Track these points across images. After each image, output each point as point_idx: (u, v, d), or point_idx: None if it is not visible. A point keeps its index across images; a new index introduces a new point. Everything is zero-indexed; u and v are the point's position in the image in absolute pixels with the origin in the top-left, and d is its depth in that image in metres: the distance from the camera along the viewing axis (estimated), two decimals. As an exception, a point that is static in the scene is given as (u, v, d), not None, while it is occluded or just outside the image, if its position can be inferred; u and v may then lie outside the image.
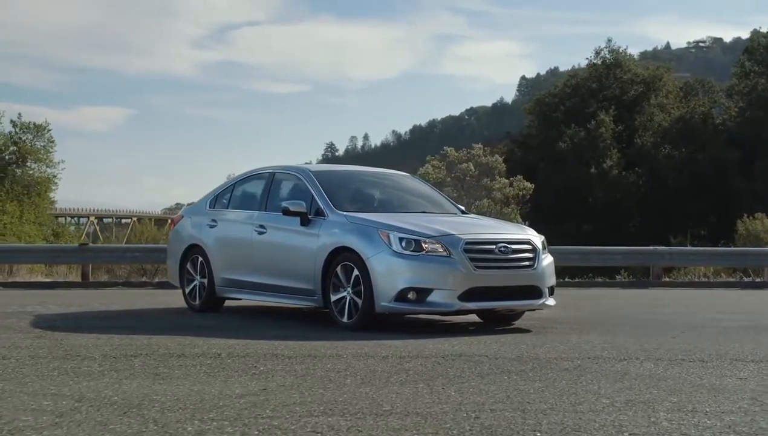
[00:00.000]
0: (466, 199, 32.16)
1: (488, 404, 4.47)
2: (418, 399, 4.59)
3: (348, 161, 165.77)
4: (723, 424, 4.13)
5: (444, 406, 4.40)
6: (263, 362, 6.06)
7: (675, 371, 5.87)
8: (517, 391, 4.92)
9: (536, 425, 3.98)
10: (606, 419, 4.16)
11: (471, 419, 4.06)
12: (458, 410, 4.28)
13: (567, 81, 46.76)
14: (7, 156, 48.83)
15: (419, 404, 4.44)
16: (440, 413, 4.20)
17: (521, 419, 4.11)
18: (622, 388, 5.12)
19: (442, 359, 6.31)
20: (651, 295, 16.43)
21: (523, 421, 4.06)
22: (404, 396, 4.68)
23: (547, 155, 40.23)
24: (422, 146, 57.19)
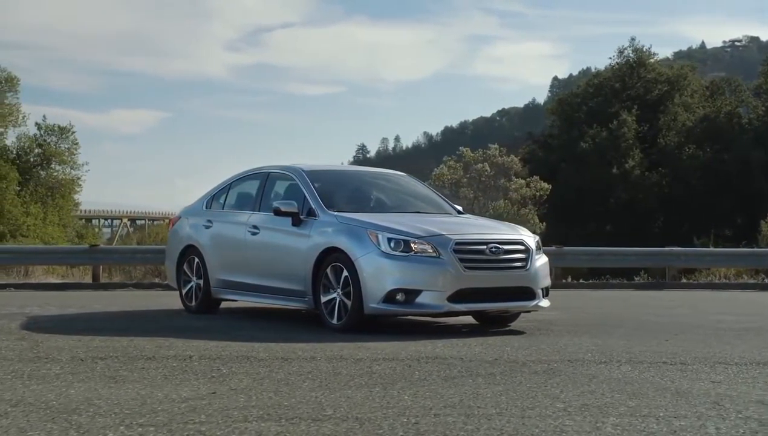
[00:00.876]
0: (483, 200, 32.00)
1: (436, 408, 4.34)
2: (366, 404, 4.47)
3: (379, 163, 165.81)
4: (669, 429, 3.98)
5: (389, 411, 4.27)
6: (231, 364, 5.96)
7: (649, 375, 5.70)
8: (474, 395, 4.78)
9: (473, 430, 3.84)
10: (550, 424, 4.02)
11: (409, 425, 3.94)
12: (401, 415, 4.15)
13: (590, 81, 46.36)
14: (32, 158, 49.29)
15: (364, 409, 4.31)
16: (380, 418, 4.08)
17: (462, 424, 3.97)
18: (584, 392, 4.96)
19: (415, 362, 6.18)
20: (663, 296, 16.17)
21: (462, 426, 3.93)
22: (354, 400, 4.55)
23: (569, 156, 39.86)
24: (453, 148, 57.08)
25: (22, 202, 44.64)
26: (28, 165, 48.72)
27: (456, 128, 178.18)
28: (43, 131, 49.43)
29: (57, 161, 48.96)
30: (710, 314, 11.46)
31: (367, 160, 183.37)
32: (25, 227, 42.24)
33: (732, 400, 4.80)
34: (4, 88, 49.90)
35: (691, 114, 43.80)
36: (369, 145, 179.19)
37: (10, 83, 50.35)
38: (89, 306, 12.09)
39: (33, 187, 47.23)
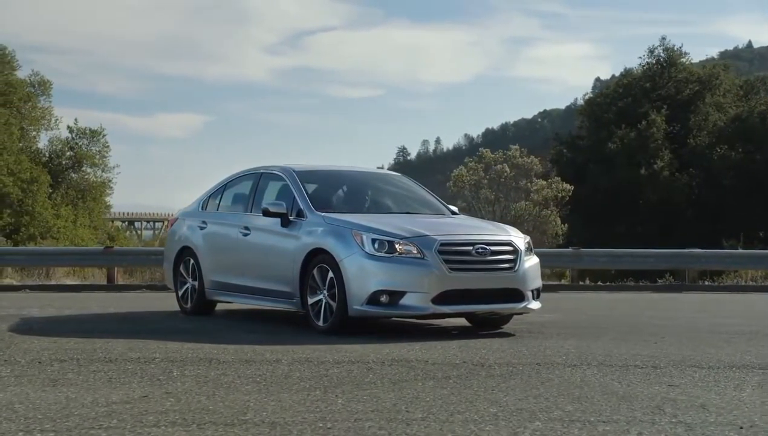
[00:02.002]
0: (504, 202, 31.73)
1: (362, 413, 4.21)
2: (292, 408, 4.36)
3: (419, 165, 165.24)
4: (590, 435, 3.81)
5: (310, 415, 4.15)
6: (188, 367, 5.88)
7: (609, 378, 5.53)
8: (412, 399, 4.65)
9: (385, 436, 3.71)
10: (469, 430, 3.88)
11: (321, 430, 3.82)
12: (320, 420, 4.03)
13: (619, 81, 45.84)
14: (64, 161, 49.77)
15: (287, 413, 4.20)
16: (296, 423, 3.96)
17: (376, 429, 3.85)
18: (529, 396, 4.81)
19: (378, 365, 6.05)
20: (676, 299, 15.91)
21: (376, 431, 3.81)
22: (283, 405, 4.44)
23: (597, 156, 39.41)
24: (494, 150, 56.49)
25: (53, 204, 45.07)
26: (60, 168, 49.21)
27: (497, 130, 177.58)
28: (75, 134, 49.90)
29: (88, 164, 49.38)
30: (716, 317, 11.22)
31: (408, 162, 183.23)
32: (56, 229, 42.60)
33: (675, 404, 4.63)
34: (37, 91, 50.46)
35: (723, 114, 43.15)
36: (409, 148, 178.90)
37: (43, 87, 50.94)
38: (89, 308, 12.09)
39: (64, 190, 47.68)
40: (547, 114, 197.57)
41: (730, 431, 4.02)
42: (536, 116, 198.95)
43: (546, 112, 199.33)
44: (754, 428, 4.11)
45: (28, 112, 49.35)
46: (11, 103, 47.17)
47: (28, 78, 50.25)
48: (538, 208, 31.50)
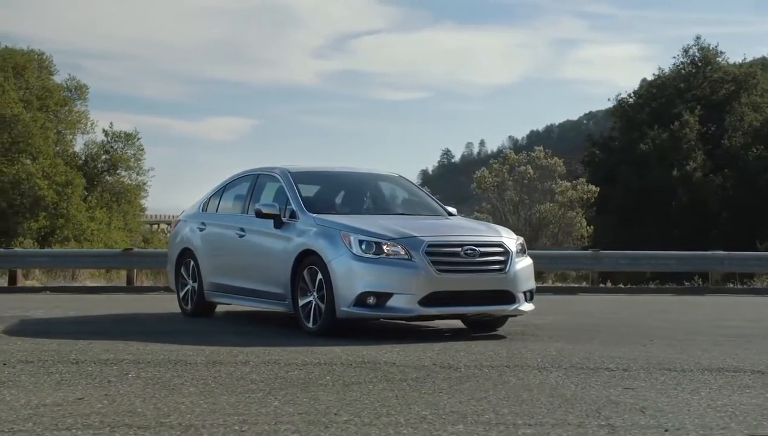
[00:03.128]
0: (528, 203, 31.51)
1: (287, 415, 4.16)
2: (223, 409, 4.33)
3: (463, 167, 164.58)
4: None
5: (235, 417, 4.11)
6: (148, 368, 5.86)
7: (568, 381, 5.43)
8: (350, 401, 4.59)
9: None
10: (384, 432, 3.80)
11: (234, 432, 3.78)
12: (241, 422, 3.99)
13: (653, 81, 45.32)
14: (99, 164, 50.32)
15: (214, 415, 4.16)
16: (215, 425, 3.93)
17: (289, 432, 3.79)
18: (472, 399, 4.73)
19: (342, 367, 5.99)
20: (692, 302, 15.68)
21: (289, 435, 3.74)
22: (217, 406, 4.40)
23: (629, 158, 38.97)
24: None
25: (88, 207, 45.56)
26: (96, 171, 49.75)
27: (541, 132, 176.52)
28: (110, 138, 50.44)
29: (123, 167, 49.87)
30: (722, 320, 11.01)
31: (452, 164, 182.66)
32: (89, 232, 43.06)
33: (615, 407, 4.54)
34: (73, 96, 51.08)
35: (759, 114, 42.47)
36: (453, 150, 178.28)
37: (80, 91, 51.56)
38: (95, 310, 12.15)
39: (99, 193, 48.19)
40: (593, 115, 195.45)
41: (653, 434, 3.92)
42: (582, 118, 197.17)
43: (591, 113, 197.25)
44: (680, 431, 4.01)
45: (64, 116, 49.95)
46: (48, 107, 47.79)
47: (65, 82, 50.93)
48: (563, 209, 31.22)
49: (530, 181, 31.99)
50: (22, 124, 44.04)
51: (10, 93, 44.62)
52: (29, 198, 42.98)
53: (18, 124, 44.02)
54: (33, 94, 47.34)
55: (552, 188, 31.91)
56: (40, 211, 42.95)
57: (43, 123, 45.89)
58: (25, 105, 45.55)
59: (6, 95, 44.29)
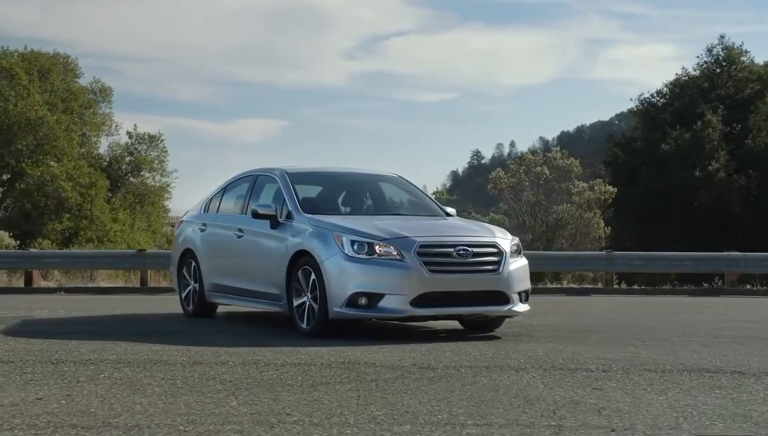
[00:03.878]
0: (546, 203, 31.33)
1: (239, 415, 4.16)
2: (177, 410, 4.35)
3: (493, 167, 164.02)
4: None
5: (187, 418, 4.13)
6: (123, 368, 5.89)
7: (539, 382, 5.40)
8: (309, 402, 4.59)
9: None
10: (327, 432, 3.78)
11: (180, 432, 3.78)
12: (188, 423, 4.00)
13: (675, 81, 44.90)
14: (123, 166, 50.69)
15: (166, 416, 4.18)
16: (160, 425, 3.95)
17: (231, 432, 3.78)
18: (433, 399, 4.71)
19: (317, 368, 5.99)
20: (703, 303, 15.52)
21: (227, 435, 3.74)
22: (173, 406, 4.43)
23: (650, 158, 38.63)
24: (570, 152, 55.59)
25: (112, 208, 45.89)
26: (120, 173, 50.12)
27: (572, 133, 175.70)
28: (134, 140, 50.80)
29: (147, 169, 50.19)
30: (725, 321, 10.90)
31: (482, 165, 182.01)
32: (113, 233, 43.36)
33: (575, 407, 4.52)
34: (98, 98, 51.47)
35: (785, 114, 41.89)
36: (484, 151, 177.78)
37: (104, 94, 51.94)
38: (99, 310, 12.21)
39: (122, 195, 48.53)
40: (624, 116, 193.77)
41: (599, 434, 3.88)
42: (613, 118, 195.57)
43: (623, 114, 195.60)
44: (628, 431, 3.97)
45: (89, 118, 50.35)
46: (72, 109, 48.20)
47: (90, 85, 51.34)
48: (580, 210, 31.00)
49: (546, 181, 31.82)
50: (46, 127, 44.47)
51: (35, 96, 45.05)
52: (54, 200, 43.38)
53: (43, 127, 44.45)
54: (57, 96, 47.76)
55: (569, 189, 31.71)
56: (64, 213, 43.31)
57: (68, 125, 46.29)
58: (49, 108, 45.98)
59: (31, 98, 44.73)
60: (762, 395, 5.07)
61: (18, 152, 44.40)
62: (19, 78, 45.28)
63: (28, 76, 46.14)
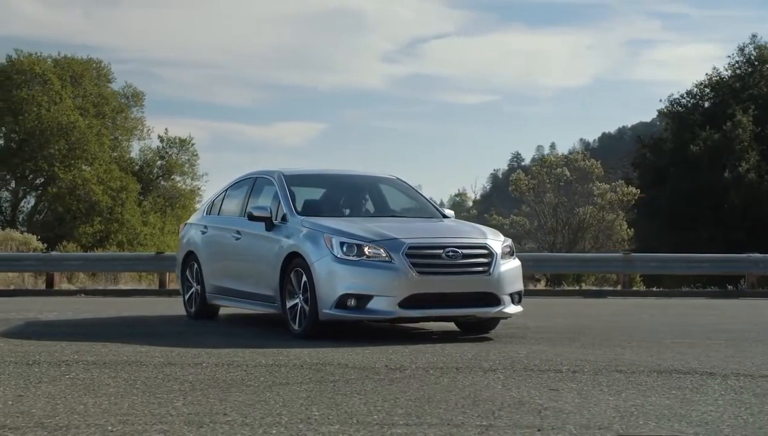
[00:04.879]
0: (568, 205, 31.15)
1: (175, 416, 4.20)
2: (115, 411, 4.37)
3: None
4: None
5: (120, 418, 4.17)
6: (93, 369, 5.95)
7: (499, 383, 5.39)
8: (253, 403, 4.61)
9: None
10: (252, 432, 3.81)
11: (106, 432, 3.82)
12: (122, 423, 4.04)
13: (706, 80, 44.38)
14: (155, 169, 51.19)
15: (100, 416, 4.21)
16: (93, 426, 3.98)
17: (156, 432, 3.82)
18: (379, 400, 4.71)
19: (288, 369, 6.03)
20: (717, 305, 15.37)
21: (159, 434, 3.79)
22: (116, 407, 4.45)
23: (679, 159, 38.24)
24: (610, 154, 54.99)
25: (142, 212, 46.35)
26: (151, 176, 50.62)
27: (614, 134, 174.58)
28: (165, 143, 51.28)
29: (177, 172, 50.64)
30: (726, 324, 10.82)
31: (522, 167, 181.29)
32: (143, 236, 43.79)
33: (519, 407, 4.52)
34: (130, 103, 52.00)
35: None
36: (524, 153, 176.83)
37: (136, 98, 52.45)
38: (107, 312, 12.34)
39: (153, 198, 48.98)
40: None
41: (525, 433, 3.87)
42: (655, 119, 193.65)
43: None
44: (555, 430, 3.96)
45: (121, 122, 50.89)
46: (104, 114, 48.76)
47: (122, 90, 51.88)
48: (603, 212, 30.78)
49: (567, 183, 31.64)
50: (78, 131, 45.02)
51: (66, 101, 45.64)
52: (85, 203, 43.92)
53: (74, 131, 45.01)
54: (89, 101, 48.31)
55: (590, 191, 31.50)
56: (96, 216, 43.85)
57: (99, 130, 46.82)
58: (81, 112, 46.55)
59: (63, 103, 45.33)
60: (715, 396, 5.03)
61: (51, 157, 45.01)
62: (52, 83, 45.91)
63: (61, 81, 46.77)
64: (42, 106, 44.74)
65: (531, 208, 31.30)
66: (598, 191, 31.79)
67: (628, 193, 32.11)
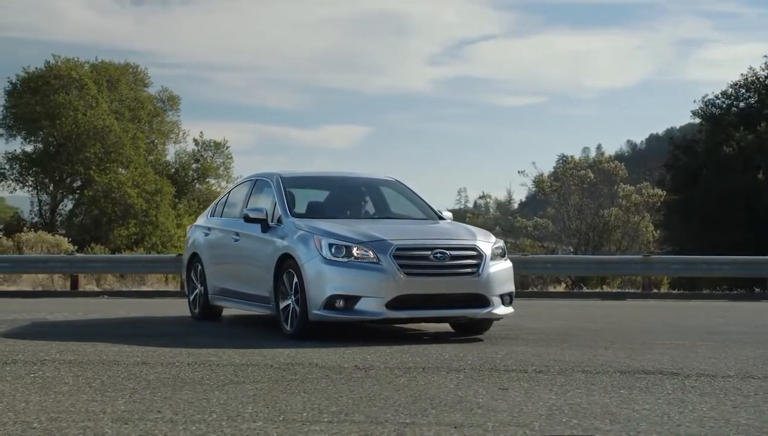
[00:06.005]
0: (593, 207, 30.95)
1: (110, 413, 4.31)
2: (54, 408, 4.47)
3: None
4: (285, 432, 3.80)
5: (53, 415, 4.28)
6: (63, 367, 6.07)
7: (452, 382, 5.44)
8: (199, 400, 4.70)
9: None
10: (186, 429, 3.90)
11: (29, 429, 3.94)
12: (51, 420, 4.15)
13: (741, 81, 43.83)
14: (190, 172, 51.70)
15: (34, 414, 4.30)
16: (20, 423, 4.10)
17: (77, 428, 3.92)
18: (321, 398, 4.80)
19: (251, 367, 6.14)
20: (727, 307, 15.24)
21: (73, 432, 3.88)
22: (57, 405, 4.56)
23: (712, 161, 37.78)
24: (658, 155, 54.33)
25: (177, 214, 46.84)
26: (186, 179, 51.13)
27: (662, 136, 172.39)
28: (200, 147, 51.77)
29: (212, 175, 51.10)
30: (729, 326, 10.74)
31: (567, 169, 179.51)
32: (177, 238, 44.22)
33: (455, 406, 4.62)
34: (165, 106, 52.57)
35: None
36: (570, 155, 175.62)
37: (172, 102, 53.01)
38: (116, 313, 12.53)
39: (188, 201, 49.47)
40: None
41: (441, 430, 3.93)
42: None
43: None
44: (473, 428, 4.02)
45: (157, 126, 51.46)
46: (139, 118, 49.36)
47: (158, 94, 52.47)
48: (628, 214, 30.55)
49: (590, 184, 31.46)
50: (113, 135, 45.65)
51: (102, 105, 46.29)
52: (120, 206, 44.50)
53: (110, 135, 45.64)
54: (125, 105, 48.93)
55: (615, 192, 31.31)
56: (130, 219, 44.40)
57: (134, 133, 47.42)
58: (117, 116, 47.20)
59: (99, 107, 45.98)
60: (659, 396, 5.05)
61: (87, 160, 45.67)
62: (89, 88, 46.59)
63: (97, 86, 47.43)
64: (78, 110, 45.42)
65: (556, 210, 31.17)
66: (623, 193, 31.60)
67: (654, 195, 31.85)
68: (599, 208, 31.23)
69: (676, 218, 36.12)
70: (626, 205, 31.38)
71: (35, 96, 46.09)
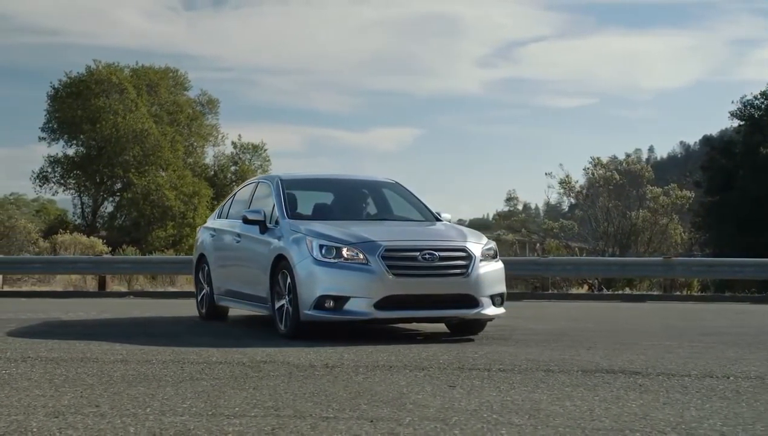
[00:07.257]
0: (622, 209, 30.77)
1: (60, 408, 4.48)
2: (9, 405, 4.65)
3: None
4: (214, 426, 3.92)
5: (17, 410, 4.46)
6: (39, 365, 6.25)
7: (406, 381, 5.55)
8: (148, 396, 4.86)
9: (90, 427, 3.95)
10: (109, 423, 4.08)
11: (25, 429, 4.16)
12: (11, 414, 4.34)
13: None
14: (229, 175, 52.26)
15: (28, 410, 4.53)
16: None
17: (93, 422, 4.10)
18: (271, 394, 4.94)
19: (221, 365, 6.29)
20: (740, 309, 15.14)
21: (93, 425, 4.07)
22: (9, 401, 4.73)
23: (749, 162, 37.35)
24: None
25: (214, 217, 47.30)
26: (225, 182, 51.66)
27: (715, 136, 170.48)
28: (239, 150, 52.36)
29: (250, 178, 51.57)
30: (729, 327, 10.73)
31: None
32: (213, 240, 44.65)
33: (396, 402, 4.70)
34: (204, 110, 53.17)
35: None
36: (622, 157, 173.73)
37: (211, 105, 53.61)
38: (129, 313, 12.79)
39: (224, 203, 49.97)
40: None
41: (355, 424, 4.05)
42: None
43: None
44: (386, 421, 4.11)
45: (196, 129, 52.05)
46: (178, 121, 49.99)
47: (197, 98, 53.09)
48: (656, 216, 30.34)
49: (617, 186, 31.32)
50: (152, 138, 46.30)
51: (141, 109, 46.97)
52: (159, 208, 45.14)
53: (149, 138, 46.31)
54: (164, 109, 49.59)
55: (643, 194, 31.12)
56: (169, 221, 45.01)
57: (173, 137, 48.05)
58: (156, 120, 47.86)
59: (138, 111, 46.67)
60: (595, 394, 5.11)
61: (126, 163, 46.37)
62: (128, 92, 47.31)
63: (137, 90, 48.15)
64: (118, 114, 46.13)
65: (583, 212, 31.06)
66: (650, 195, 31.43)
67: (682, 197, 31.61)
68: (626, 210, 31.08)
69: (712, 220, 35.80)
70: (653, 207, 31.20)
71: (77, 100, 46.92)
